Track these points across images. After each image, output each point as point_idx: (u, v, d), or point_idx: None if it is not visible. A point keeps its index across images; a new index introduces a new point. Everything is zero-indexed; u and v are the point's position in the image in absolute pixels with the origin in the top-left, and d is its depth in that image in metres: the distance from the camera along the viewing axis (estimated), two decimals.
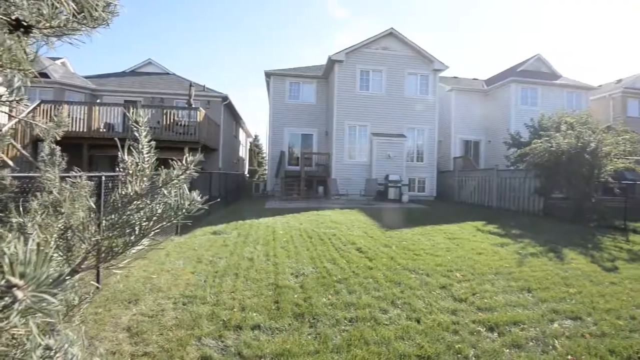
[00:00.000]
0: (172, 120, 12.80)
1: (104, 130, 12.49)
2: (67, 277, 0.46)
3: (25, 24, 0.62)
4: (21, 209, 0.68)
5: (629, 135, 10.20)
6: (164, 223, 0.64)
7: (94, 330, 2.86)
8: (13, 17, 0.61)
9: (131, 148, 0.65)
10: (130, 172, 0.61)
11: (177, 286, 3.91)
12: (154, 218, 0.60)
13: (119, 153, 0.64)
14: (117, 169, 0.67)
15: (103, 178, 4.17)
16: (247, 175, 27.77)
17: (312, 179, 16.55)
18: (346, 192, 14.73)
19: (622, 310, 3.49)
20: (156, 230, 0.65)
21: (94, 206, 0.64)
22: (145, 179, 0.61)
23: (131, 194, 0.59)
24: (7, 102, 0.66)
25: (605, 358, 2.60)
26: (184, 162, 0.63)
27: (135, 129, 0.67)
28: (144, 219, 0.59)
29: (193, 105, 13.69)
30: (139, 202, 0.59)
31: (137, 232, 0.60)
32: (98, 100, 16.03)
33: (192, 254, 5.34)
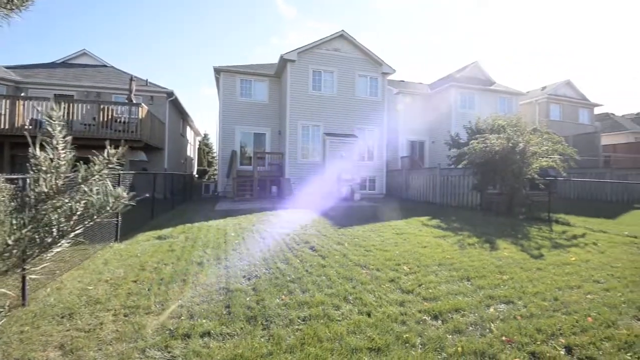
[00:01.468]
0: (110, 117, 11.82)
1: (30, 127, 11.17)
2: None
3: None
4: None
5: (550, 135, 11.47)
6: (87, 222, 0.57)
7: (20, 350, 2.55)
8: None
9: (44, 144, 0.58)
10: (44, 168, 0.53)
11: (118, 297, 3.62)
12: (75, 217, 0.54)
13: (30, 149, 0.56)
14: (28, 165, 0.59)
15: (28, 180, 3.73)
16: (196, 175, 26.59)
17: (266, 179, 16.32)
18: (300, 192, 14.73)
19: (547, 292, 3.90)
20: (78, 231, 0.58)
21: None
22: (61, 175, 0.54)
23: (46, 191, 0.52)
24: None
25: (533, 336, 2.89)
26: (105, 155, 0.57)
27: (48, 123, 0.59)
28: (63, 219, 0.53)
29: (134, 101, 12.78)
30: (55, 201, 0.52)
31: (54, 233, 0.53)
32: (23, 94, 14.31)
33: (134, 261, 4.98)
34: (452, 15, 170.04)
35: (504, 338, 2.85)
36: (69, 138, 0.61)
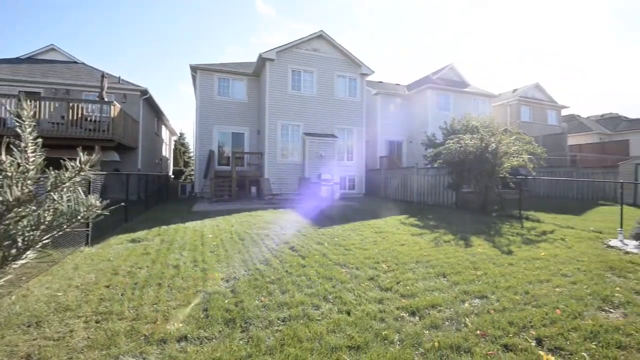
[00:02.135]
0: (80, 115, 11.33)
1: None
2: None
3: None
4: None
5: (521, 135, 11.98)
6: (55, 232, 0.54)
7: None
8: None
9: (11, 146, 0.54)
10: (10, 174, 0.50)
11: (89, 303, 3.48)
12: (42, 227, 0.51)
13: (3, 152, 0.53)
14: None
15: None
16: (172, 176, 25.89)
17: (244, 179, 16.13)
18: (280, 192, 14.67)
19: (518, 287, 4.07)
20: (46, 241, 0.55)
21: None
22: (29, 182, 0.51)
23: (11, 200, 0.48)
24: None
25: (506, 329, 3.00)
26: (77, 162, 0.54)
27: (17, 124, 0.56)
28: (29, 229, 0.50)
29: (106, 99, 12.30)
30: (20, 210, 0.49)
31: (19, 244, 0.50)
32: None
33: (107, 265, 4.80)
34: (443, 15, 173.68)
35: (478, 332, 2.95)
36: (39, 140, 0.58)
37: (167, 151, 26.19)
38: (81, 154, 0.57)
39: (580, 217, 10.17)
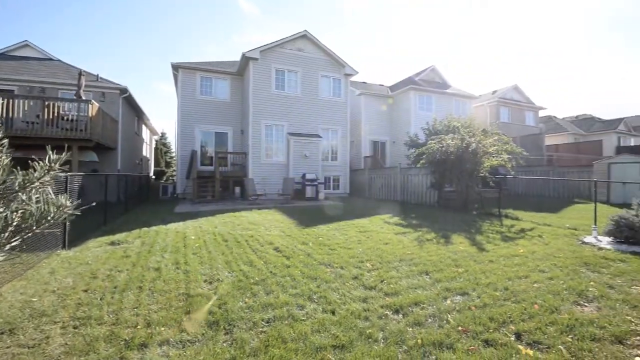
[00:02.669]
0: (56, 114, 10.92)
1: None
2: None
3: None
4: None
5: (500, 136, 12.31)
6: (25, 234, 0.52)
7: None
8: None
9: None
10: None
11: (66, 308, 3.36)
12: (10, 229, 0.49)
13: None
14: None
15: None
16: (153, 177, 25.33)
17: (228, 179, 15.94)
18: (264, 192, 14.57)
19: (498, 283, 4.17)
20: (14, 243, 0.53)
21: None
22: None
23: None
24: None
25: (486, 325, 3.07)
26: (46, 161, 0.52)
27: None
28: None
29: (83, 97, 11.89)
30: None
31: None
32: None
33: (85, 269, 4.65)
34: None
35: (460, 328, 3.01)
36: (5, 141, 0.55)
37: (148, 151, 25.58)
38: (51, 152, 0.55)
39: (556, 215, 10.52)
